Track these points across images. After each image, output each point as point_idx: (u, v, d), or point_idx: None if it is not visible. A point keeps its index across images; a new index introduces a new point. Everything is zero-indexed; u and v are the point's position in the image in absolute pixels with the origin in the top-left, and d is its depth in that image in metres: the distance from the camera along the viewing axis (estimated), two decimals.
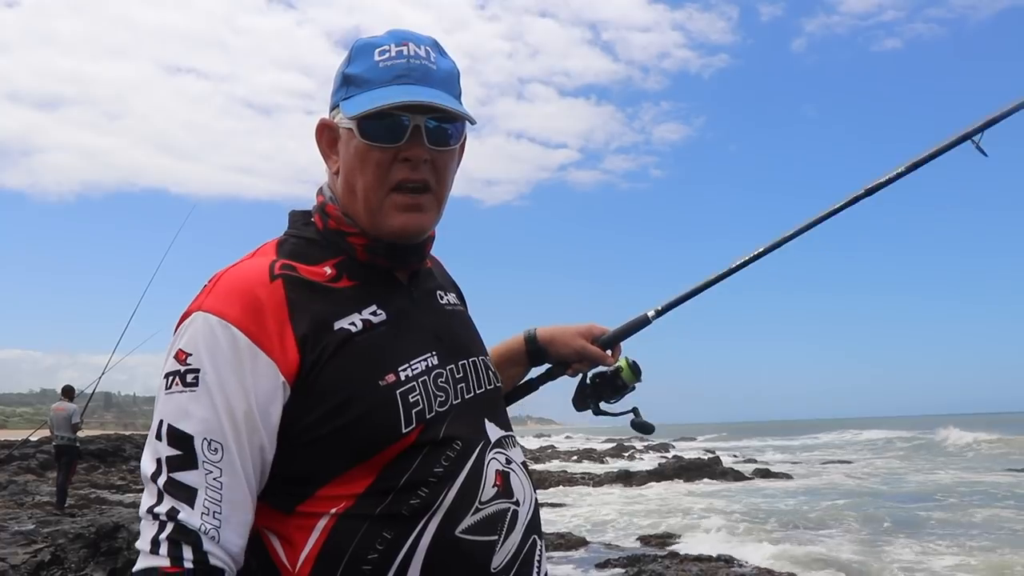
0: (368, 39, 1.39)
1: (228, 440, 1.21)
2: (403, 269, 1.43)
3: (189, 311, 1.28)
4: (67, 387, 15.03)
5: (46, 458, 22.68)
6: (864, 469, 30.91)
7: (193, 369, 1.22)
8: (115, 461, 27.54)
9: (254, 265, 1.31)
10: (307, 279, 1.31)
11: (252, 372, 1.22)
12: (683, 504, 18.86)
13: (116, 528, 8.90)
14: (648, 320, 1.85)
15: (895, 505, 18.00)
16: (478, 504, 1.30)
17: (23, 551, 10.32)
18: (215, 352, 1.22)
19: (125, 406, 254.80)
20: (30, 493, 18.51)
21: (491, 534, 1.31)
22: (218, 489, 1.20)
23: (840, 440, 58.41)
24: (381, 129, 1.32)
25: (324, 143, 1.42)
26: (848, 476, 27.48)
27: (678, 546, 12.60)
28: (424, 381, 1.32)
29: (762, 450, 49.67)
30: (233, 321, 1.23)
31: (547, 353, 1.81)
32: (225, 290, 1.27)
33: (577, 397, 1.86)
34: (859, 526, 14.97)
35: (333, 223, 1.38)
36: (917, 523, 15.10)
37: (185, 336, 1.25)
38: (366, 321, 1.32)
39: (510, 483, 1.37)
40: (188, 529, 1.18)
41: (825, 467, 32.14)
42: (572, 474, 28.11)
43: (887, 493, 21.30)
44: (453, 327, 1.48)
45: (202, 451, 1.20)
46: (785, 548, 12.25)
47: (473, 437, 1.35)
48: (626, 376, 1.82)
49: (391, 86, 1.32)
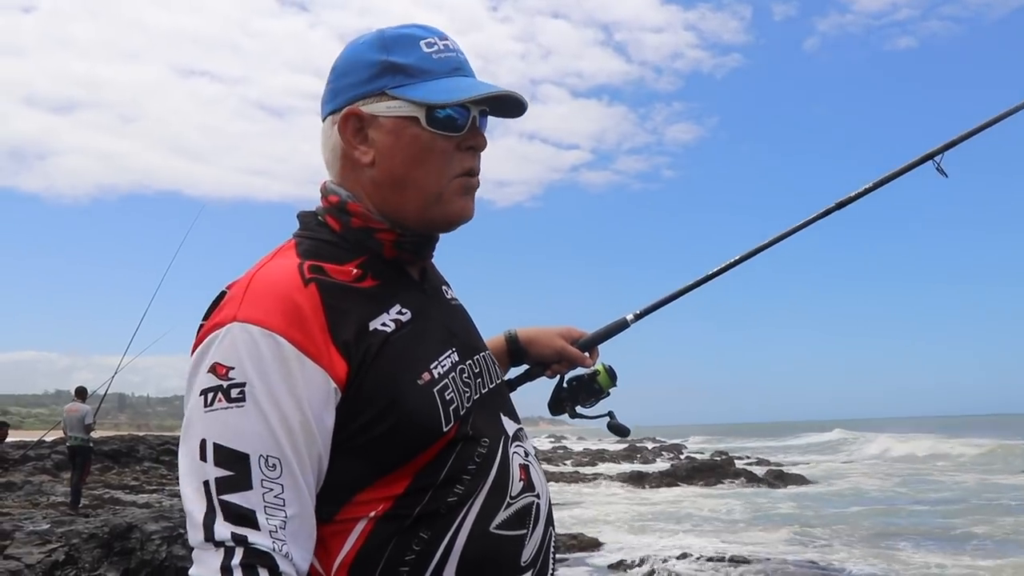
0: (399, 30, 1.34)
1: (287, 455, 1.14)
2: (418, 264, 1.41)
3: (219, 322, 1.19)
4: (80, 388, 15.11)
5: (61, 459, 22.76)
6: (883, 471, 30.76)
7: (237, 384, 1.14)
8: (129, 462, 27.62)
9: (283, 268, 1.25)
10: (338, 281, 1.26)
11: (303, 381, 1.16)
12: (695, 504, 18.80)
13: (129, 528, 8.90)
14: (627, 324, 1.86)
15: (918, 510, 17.89)
16: (509, 499, 1.29)
17: (38, 551, 10.37)
18: (261, 363, 1.14)
19: (139, 407, 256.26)
20: (45, 493, 18.60)
21: (521, 528, 1.30)
22: (281, 507, 1.13)
23: (852, 444, 58.10)
24: (450, 119, 1.31)
25: (350, 133, 1.33)
26: (869, 479, 27.35)
27: (690, 547, 12.55)
28: (452, 377, 1.30)
29: (775, 451, 49.46)
30: (276, 330, 1.16)
31: (527, 353, 1.80)
32: (260, 297, 1.19)
33: (553, 400, 1.85)
34: (870, 534, 14.88)
35: (358, 221, 1.33)
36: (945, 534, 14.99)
37: (222, 348, 1.16)
38: (396, 320, 1.28)
39: (532, 476, 1.36)
40: (261, 551, 1.10)
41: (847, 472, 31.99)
42: (585, 475, 28.08)
43: (906, 498, 21.18)
44: (460, 323, 1.46)
45: (259, 469, 1.12)
46: (790, 549, 12.18)
47: (496, 432, 1.34)
48: (603, 380, 1.82)
49: (455, 78, 1.32)
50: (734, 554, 11.57)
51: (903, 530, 14.84)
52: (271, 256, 1.31)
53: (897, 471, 30.49)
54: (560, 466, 34.43)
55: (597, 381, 1.81)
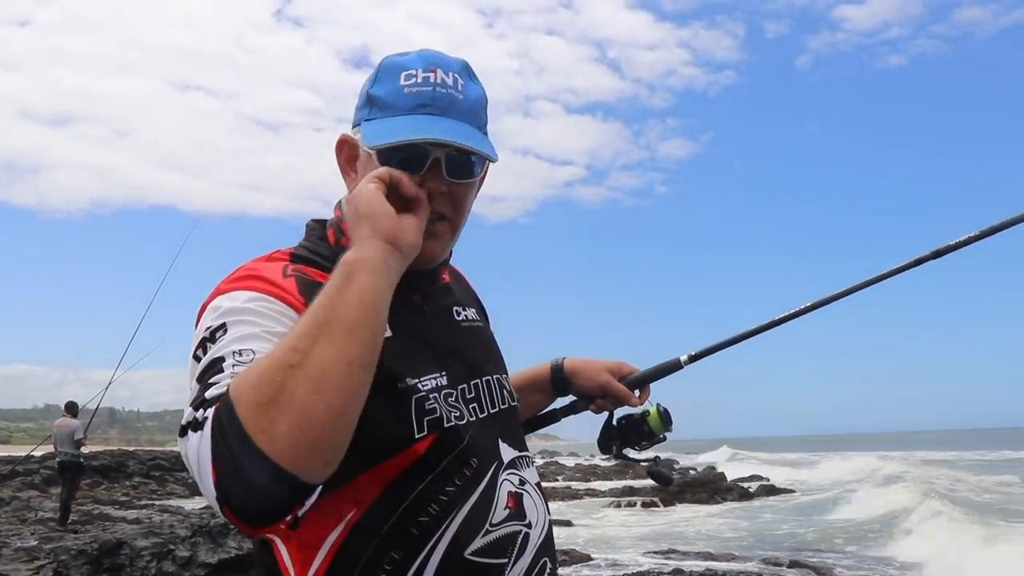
0: (397, 58, 1.33)
1: (258, 345, 1.11)
2: (421, 288, 1.40)
3: (207, 302, 1.22)
4: (70, 403, 15.02)
5: (50, 474, 22.61)
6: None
7: (220, 326, 1.14)
8: (119, 477, 27.48)
9: (268, 262, 1.30)
10: (319, 282, 1.23)
11: (279, 319, 1.16)
12: (687, 519, 18.75)
13: (119, 544, 8.86)
14: (680, 365, 1.73)
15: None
16: (488, 526, 1.28)
17: (25, 567, 10.29)
18: (241, 308, 1.17)
19: (129, 422, 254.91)
20: (33, 509, 18.45)
21: (501, 557, 1.29)
22: (247, 364, 1.07)
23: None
24: (400, 162, 1.25)
25: (343, 158, 1.36)
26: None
27: (683, 562, 12.52)
28: (435, 397, 1.29)
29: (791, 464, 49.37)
30: (256, 290, 1.20)
31: (571, 384, 1.75)
32: (243, 275, 1.24)
33: (602, 438, 1.76)
34: (849, 547, 14.88)
35: (347, 240, 1.30)
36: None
37: (209, 318, 1.18)
38: None
39: (523, 505, 1.35)
40: (211, 400, 1.02)
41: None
42: (577, 490, 28.00)
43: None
44: (468, 344, 1.43)
45: (231, 358, 1.09)
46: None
47: (486, 457, 1.33)
48: (654, 423, 1.71)
49: (413, 115, 1.27)
50: (727, 568, 11.54)
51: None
52: (263, 257, 1.34)
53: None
54: (553, 482, 34.31)
55: (647, 423, 1.72)
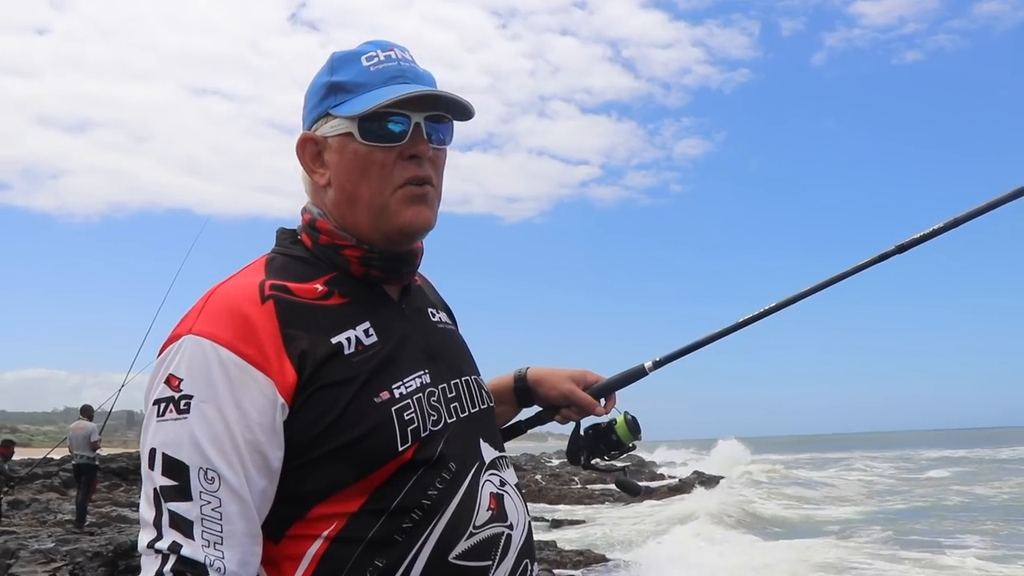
0: (347, 51, 1.37)
1: (225, 468, 1.16)
2: (395, 282, 1.41)
3: (177, 334, 1.23)
4: (85, 406, 15.15)
5: (69, 476, 22.71)
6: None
7: (186, 395, 1.18)
8: (136, 479, 27.55)
9: (243, 284, 1.27)
10: (298, 298, 1.27)
11: (249, 394, 1.18)
12: (696, 516, 18.69)
13: (134, 546, 8.85)
14: (645, 372, 1.71)
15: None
16: (472, 528, 1.27)
17: (42, 569, 10.37)
18: (209, 376, 1.18)
19: None
20: (52, 511, 18.60)
21: (485, 559, 1.28)
22: (217, 520, 1.15)
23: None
24: (383, 129, 1.30)
25: (308, 158, 1.38)
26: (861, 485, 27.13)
27: (694, 558, 12.47)
28: (418, 399, 1.29)
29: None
30: (225, 343, 1.19)
31: (535, 394, 1.72)
32: (215, 311, 1.23)
33: (570, 448, 1.73)
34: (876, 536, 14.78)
35: (325, 238, 1.35)
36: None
37: (175, 360, 1.20)
38: (359, 338, 1.28)
39: (504, 506, 1.34)
40: (193, 562, 1.13)
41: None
42: (592, 491, 27.94)
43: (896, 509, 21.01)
44: (445, 345, 1.44)
45: (198, 480, 1.15)
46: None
47: (467, 458, 1.32)
48: (621, 432, 1.69)
49: (389, 86, 1.31)
50: (741, 562, 11.48)
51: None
52: (240, 271, 1.33)
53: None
54: (571, 485, 34.22)
55: (615, 432, 1.68)
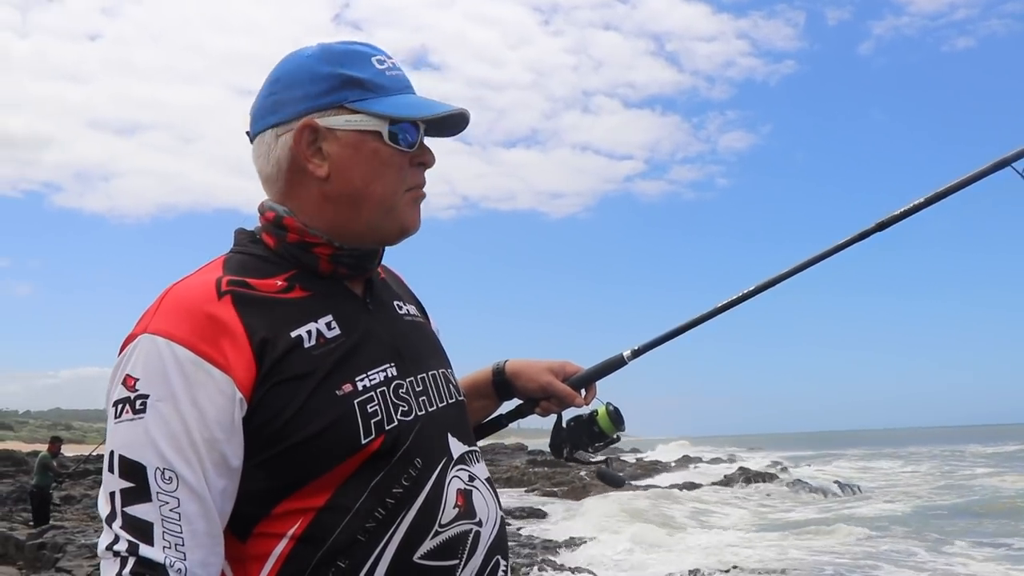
0: (344, 46, 1.34)
1: (183, 468, 1.14)
2: (358, 278, 1.38)
3: (134, 334, 1.20)
4: None
5: None
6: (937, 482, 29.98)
7: (142, 395, 1.15)
8: None
9: (199, 282, 1.25)
10: (257, 291, 1.25)
11: (206, 391, 1.16)
12: (740, 514, 18.51)
13: None
14: (624, 361, 1.69)
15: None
16: (438, 527, 1.24)
17: (88, 563, 10.61)
18: (165, 375, 1.16)
19: None
20: None
21: (451, 558, 1.24)
22: (176, 521, 1.13)
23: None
24: (407, 135, 1.32)
25: (303, 145, 1.30)
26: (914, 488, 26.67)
27: (737, 559, 12.35)
28: (383, 392, 1.26)
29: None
30: (181, 341, 1.16)
31: (513, 387, 1.69)
32: (171, 309, 1.20)
33: (553, 441, 1.70)
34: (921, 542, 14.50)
35: (294, 236, 1.31)
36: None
37: (131, 360, 1.18)
38: (320, 330, 1.26)
39: (472, 502, 1.30)
40: (152, 563, 1.11)
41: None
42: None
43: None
44: (412, 338, 1.41)
45: (156, 481, 1.13)
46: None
47: (434, 454, 1.29)
48: (603, 423, 1.66)
49: (407, 95, 1.34)
50: (782, 566, 11.34)
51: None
52: (197, 271, 1.30)
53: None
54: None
55: (597, 423, 1.66)
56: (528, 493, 27.74)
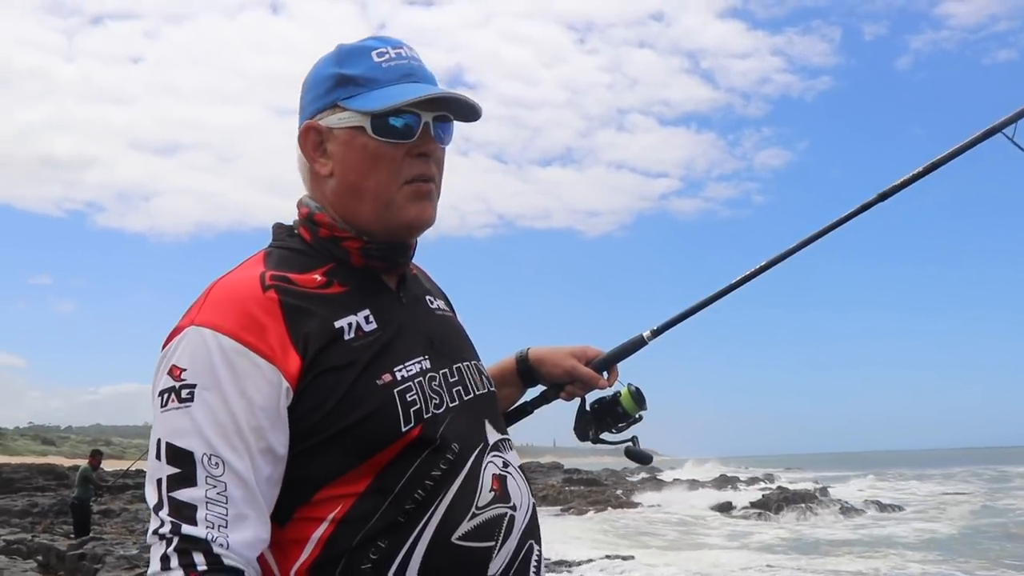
0: (355, 44, 1.39)
1: (229, 454, 1.18)
2: (393, 272, 1.42)
3: (180, 327, 1.25)
4: None
5: None
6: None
7: (188, 384, 1.19)
8: None
9: (244, 276, 1.29)
10: (300, 286, 1.29)
11: (253, 381, 1.19)
12: (780, 535, 18.23)
13: None
14: (644, 341, 1.75)
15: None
16: (475, 509, 1.28)
17: (126, 574, 10.73)
18: (211, 365, 1.19)
19: None
20: (141, 520, 19.22)
21: (488, 540, 1.28)
22: (223, 503, 1.16)
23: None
24: (396, 126, 1.32)
25: (309, 147, 1.39)
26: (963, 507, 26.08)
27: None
28: (420, 382, 1.31)
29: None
30: (227, 332, 1.21)
31: (538, 373, 1.74)
32: (217, 302, 1.25)
33: (577, 425, 1.75)
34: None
35: (325, 231, 1.37)
36: None
37: (178, 351, 1.22)
38: (359, 323, 1.30)
39: (507, 487, 1.34)
40: (196, 539, 1.14)
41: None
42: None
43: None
44: (444, 331, 1.46)
45: (204, 466, 1.17)
46: None
47: (471, 440, 1.33)
48: (626, 404, 1.70)
49: (402, 84, 1.34)
50: None
51: None
52: (239, 266, 1.35)
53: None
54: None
55: (620, 404, 1.70)
56: (564, 513, 27.53)
